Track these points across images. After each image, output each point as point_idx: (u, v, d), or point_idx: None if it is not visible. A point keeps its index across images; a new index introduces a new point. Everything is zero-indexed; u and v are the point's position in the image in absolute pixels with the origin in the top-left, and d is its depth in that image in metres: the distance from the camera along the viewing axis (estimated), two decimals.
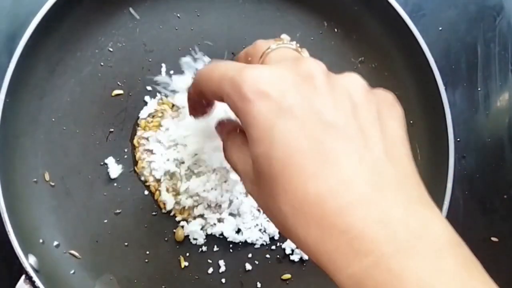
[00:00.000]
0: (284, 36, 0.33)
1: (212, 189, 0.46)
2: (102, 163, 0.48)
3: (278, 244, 0.48)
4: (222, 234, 0.47)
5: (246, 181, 0.28)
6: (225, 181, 0.46)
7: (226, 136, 0.32)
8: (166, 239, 0.47)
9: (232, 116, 0.32)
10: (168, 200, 0.47)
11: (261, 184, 0.26)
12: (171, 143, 0.47)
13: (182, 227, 0.47)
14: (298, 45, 0.31)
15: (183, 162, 0.46)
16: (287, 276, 0.48)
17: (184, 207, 0.47)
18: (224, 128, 0.33)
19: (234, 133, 0.31)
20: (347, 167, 0.24)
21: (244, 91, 0.26)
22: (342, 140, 0.25)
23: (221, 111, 0.36)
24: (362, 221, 0.23)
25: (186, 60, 0.49)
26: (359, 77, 0.28)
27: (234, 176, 0.46)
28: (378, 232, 0.23)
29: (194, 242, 0.47)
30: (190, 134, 0.45)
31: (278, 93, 0.26)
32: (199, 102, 0.34)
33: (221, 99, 0.28)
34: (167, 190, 0.47)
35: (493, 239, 0.49)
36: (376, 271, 0.22)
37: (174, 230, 0.47)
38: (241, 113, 0.26)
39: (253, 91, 0.26)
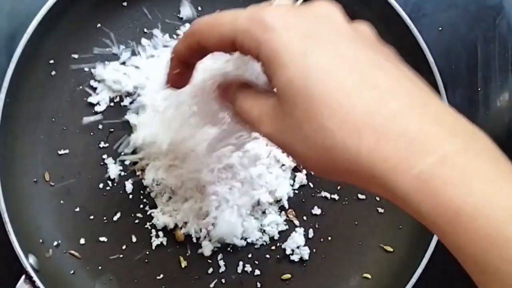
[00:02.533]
0: None
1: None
2: (102, 163, 0.48)
3: (278, 244, 0.48)
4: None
5: (265, 123, 0.28)
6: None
7: (234, 92, 0.31)
8: (166, 239, 0.47)
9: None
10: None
11: (291, 112, 0.26)
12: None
13: (181, 228, 0.47)
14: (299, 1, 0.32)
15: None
16: (287, 276, 0.48)
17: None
18: (229, 87, 0.32)
19: (245, 87, 0.31)
20: (387, 77, 0.25)
21: (267, 21, 0.26)
22: (372, 53, 0.26)
23: (199, 78, 0.34)
24: (419, 122, 0.23)
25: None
26: (368, 26, 0.30)
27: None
28: (438, 132, 0.23)
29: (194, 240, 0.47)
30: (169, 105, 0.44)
31: (300, 23, 0.26)
32: (184, 63, 0.32)
33: (231, 44, 0.28)
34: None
35: None
36: (443, 168, 0.22)
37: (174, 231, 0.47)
38: (265, 43, 0.26)
39: (276, 20, 0.26)
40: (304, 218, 0.49)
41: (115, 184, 0.48)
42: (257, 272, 0.48)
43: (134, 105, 0.48)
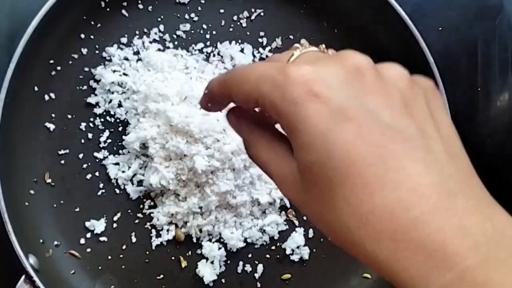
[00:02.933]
0: (304, 42, 0.30)
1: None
2: (102, 163, 0.48)
3: (278, 244, 0.48)
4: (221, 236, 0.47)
5: (286, 187, 0.26)
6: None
7: (249, 130, 0.28)
8: (166, 239, 0.47)
9: None
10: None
11: (313, 194, 0.24)
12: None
13: (181, 228, 0.47)
14: (323, 46, 0.28)
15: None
16: (287, 276, 0.48)
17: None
18: (242, 119, 0.29)
19: (259, 125, 0.28)
20: (414, 173, 0.22)
21: (290, 91, 0.23)
22: (403, 143, 0.23)
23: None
24: (441, 232, 0.21)
25: (195, 58, 0.49)
26: (401, 68, 0.26)
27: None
28: (459, 243, 0.21)
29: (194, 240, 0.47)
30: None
31: (329, 93, 0.23)
32: (220, 100, 0.30)
33: (256, 103, 0.26)
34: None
35: None
36: (462, 285, 0.21)
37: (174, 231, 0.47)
38: (285, 116, 0.24)
39: (301, 91, 0.23)
40: (304, 218, 0.49)
41: (115, 184, 0.48)
42: (257, 272, 0.48)
43: (134, 105, 0.48)
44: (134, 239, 0.47)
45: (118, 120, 0.48)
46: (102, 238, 0.47)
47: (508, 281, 0.20)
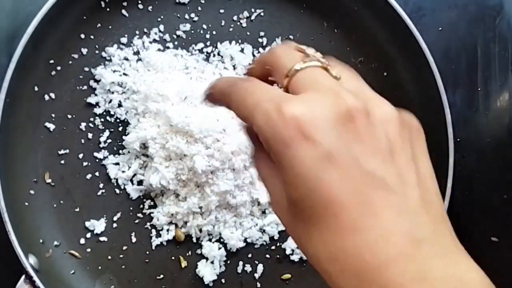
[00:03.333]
0: (312, 51, 0.29)
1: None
2: (102, 163, 0.48)
3: (278, 244, 0.48)
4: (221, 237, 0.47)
5: (277, 207, 0.27)
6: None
7: (258, 145, 0.29)
8: (166, 239, 0.47)
9: None
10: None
11: (296, 222, 0.25)
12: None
13: (181, 228, 0.47)
14: (323, 58, 0.28)
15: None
16: (287, 276, 0.48)
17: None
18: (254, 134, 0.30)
19: (261, 146, 0.29)
20: (386, 220, 0.24)
21: (281, 131, 0.24)
22: (381, 190, 0.24)
23: None
24: (401, 277, 0.23)
25: (195, 58, 0.49)
26: (392, 109, 0.27)
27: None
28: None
29: (194, 240, 0.47)
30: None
31: (319, 136, 0.24)
32: (221, 104, 0.30)
33: (252, 126, 0.26)
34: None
35: (493, 239, 0.49)
36: None
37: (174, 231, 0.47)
38: (274, 152, 0.25)
39: (292, 132, 0.24)
40: None
41: (115, 184, 0.48)
42: (257, 272, 0.48)
43: (134, 105, 0.48)
44: (134, 239, 0.47)
45: (118, 120, 0.48)
46: (102, 238, 0.47)
47: None
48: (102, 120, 0.48)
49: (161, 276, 0.47)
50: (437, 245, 0.24)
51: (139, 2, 0.49)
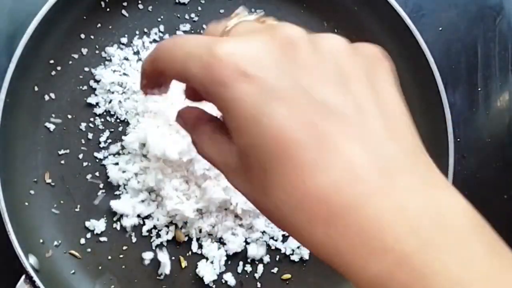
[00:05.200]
0: (241, 10, 0.27)
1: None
2: (102, 163, 0.48)
3: (278, 244, 0.48)
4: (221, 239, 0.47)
5: (228, 174, 0.24)
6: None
7: (193, 128, 0.27)
8: (166, 239, 0.47)
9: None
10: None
11: (250, 177, 0.23)
12: None
13: (181, 228, 0.47)
14: (262, 13, 0.26)
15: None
16: (287, 276, 0.48)
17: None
18: (188, 119, 0.28)
19: (200, 122, 0.27)
20: (349, 153, 0.21)
21: (217, 72, 0.22)
22: (338, 121, 0.21)
23: (180, 89, 0.30)
24: (377, 215, 0.20)
25: None
26: (339, 37, 0.25)
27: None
28: (397, 227, 0.20)
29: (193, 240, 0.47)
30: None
31: (259, 71, 0.21)
32: (156, 79, 0.28)
33: (187, 81, 0.25)
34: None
35: None
36: (400, 272, 0.19)
37: (173, 231, 0.47)
38: (215, 98, 0.22)
39: (229, 71, 0.21)
40: None
41: (115, 184, 0.47)
42: (257, 272, 0.48)
43: (134, 105, 0.48)
44: (134, 239, 0.47)
45: (118, 120, 0.48)
46: (102, 238, 0.47)
47: (448, 268, 0.19)
48: (102, 120, 0.48)
49: (161, 276, 0.47)
50: (414, 177, 0.21)
51: (139, 2, 0.49)
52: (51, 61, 0.47)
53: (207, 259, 0.47)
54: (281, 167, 0.21)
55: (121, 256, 0.47)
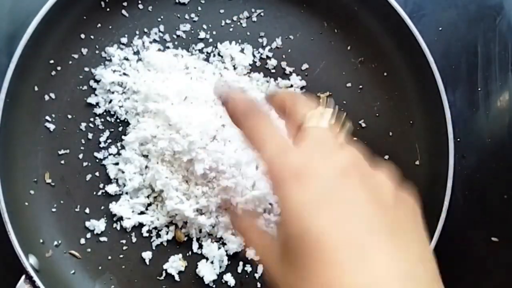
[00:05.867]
0: (329, 102, 0.32)
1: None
2: (102, 163, 0.48)
3: None
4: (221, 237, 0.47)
5: (266, 254, 0.29)
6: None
7: (241, 221, 0.34)
8: (166, 239, 0.47)
9: None
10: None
11: (288, 260, 0.26)
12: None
13: (181, 228, 0.47)
14: (335, 113, 0.31)
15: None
16: None
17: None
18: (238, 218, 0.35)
19: (247, 215, 0.34)
20: (382, 264, 0.24)
21: (278, 172, 0.27)
22: (377, 236, 0.25)
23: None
24: None
25: (195, 58, 0.49)
26: (389, 178, 0.29)
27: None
28: None
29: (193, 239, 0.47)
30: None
31: (314, 181, 0.26)
32: None
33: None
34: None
35: (493, 239, 0.49)
36: None
37: (173, 231, 0.47)
38: (275, 190, 0.27)
39: (287, 174, 0.27)
40: None
41: (114, 184, 0.47)
42: (257, 272, 0.48)
43: (134, 105, 0.48)
44: (134, 239, 0.47)
45: (118, 120, 0.48)
46: (102, 238, 0.47)
47: None
48: (102, 120, 0.48)
49: (161, 276, 0.47)
50: None
51: (139, 2, 0.49)
52: (51, 61, 0.47)
53: (207, 259, 0.47)
54: (320, 262, 0.25)
55: (121, 256, 0.47)
